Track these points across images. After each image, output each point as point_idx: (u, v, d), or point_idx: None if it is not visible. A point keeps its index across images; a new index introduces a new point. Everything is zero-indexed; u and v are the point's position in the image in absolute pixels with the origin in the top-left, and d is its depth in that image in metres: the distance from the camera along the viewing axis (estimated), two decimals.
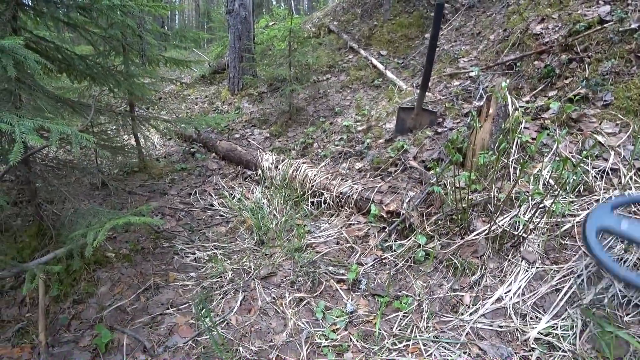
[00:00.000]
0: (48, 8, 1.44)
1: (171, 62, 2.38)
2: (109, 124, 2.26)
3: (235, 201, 2.15)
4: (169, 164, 2.78)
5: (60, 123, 1.08)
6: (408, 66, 3.89)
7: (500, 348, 1.05)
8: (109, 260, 1.53)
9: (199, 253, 1.66)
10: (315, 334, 1.17)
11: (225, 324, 1.24)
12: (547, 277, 1.19)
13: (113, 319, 1.26)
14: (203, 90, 5.36)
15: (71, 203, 1.45)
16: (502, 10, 3.33)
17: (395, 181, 1.88)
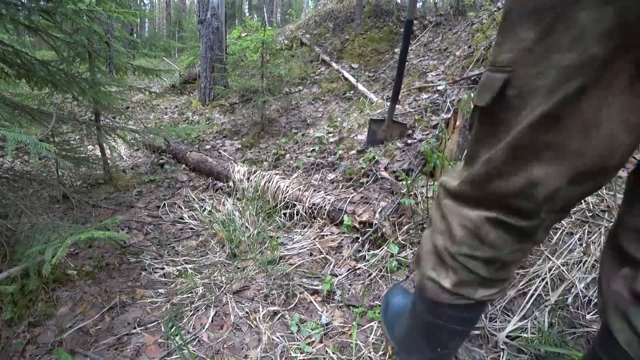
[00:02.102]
0: (7, 10, 1.37)
1: (140, 70, 2.31)
2: (72, 134, 2.15)
3: (206, 214, 2.10)
4: (136, 176, 2.68)
5: (18, 131, 1.02)
6: (379, 79, 4.00)
7: (473, 351, 1.07)
8: (70, 278, 1.44)
9: (168, 268, 1.60)
10: (291, 348, 1.14)
11: (196, 341, 1.19)
12: (514, 281, 1.24)
13: (74, 342, 1.18)
14: (173, 100, 5.25)
15: (28, 217, 1.36)
16: (467, 28, 3.51)
17: (367, 192, 1.91)
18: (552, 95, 0.50)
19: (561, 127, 0.52)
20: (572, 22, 0.47)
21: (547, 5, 0.48)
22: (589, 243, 1.27)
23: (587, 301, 1.13)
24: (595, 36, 0.46)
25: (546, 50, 0.50)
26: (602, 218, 1.33)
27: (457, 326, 0.77)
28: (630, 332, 0.62)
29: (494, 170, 0.60)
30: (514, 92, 0.54)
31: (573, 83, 0.49)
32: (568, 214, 0.64)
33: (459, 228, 0.68)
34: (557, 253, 1.28)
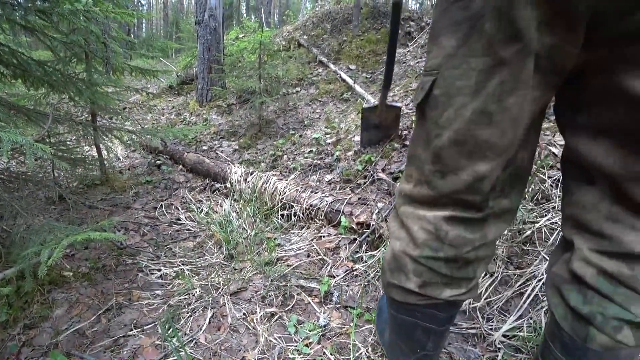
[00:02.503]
0: (3, 10, 1.36)
1: (137, 71, 2.31)
2: (68, 134, 2.14)
3: (203, 215, 2.10)
4: (133, 177, 2.67)
5: (13, 132, 1.01)
6: (376, 80, 4.01)
7: (467, 351, 1.07)
8: (65, 279, 1.43)
9: (165, 269, 1.59)
10: (288, 349, 1.14)
11: (193, 343, 1.19)
12: (511, 282, 1.24)
13: (70, 344, 1.17)
14: (170, 101, 5.24)
15: (24, 218, 1.36)
16: None
17: (364, 193, 1.91)
18: (478, 94, 0.58)
19: (494, 123, 0.59)
20: (482, 32, 0.55)
21: (463, 18, 0.57)
22: None
23: None
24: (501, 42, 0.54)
25: (464, 55, 0.58)
26: None
27: (430, 324, 0.79)
28: (563, 306, 0.68)
29: (445, 168, 0.65)
30: (440, 91, 0.62)
31: (492, 82, 0.56)
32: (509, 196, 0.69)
33: (420, 231, 0.71)
34: None
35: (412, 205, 0.74)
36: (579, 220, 0.65)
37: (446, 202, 0.68)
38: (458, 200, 0.67)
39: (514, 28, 0.53)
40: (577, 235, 0.66)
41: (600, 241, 0.62)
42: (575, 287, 0.66)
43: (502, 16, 0.53)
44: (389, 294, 0.81)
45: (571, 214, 0.67)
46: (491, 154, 0.61)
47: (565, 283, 0.68)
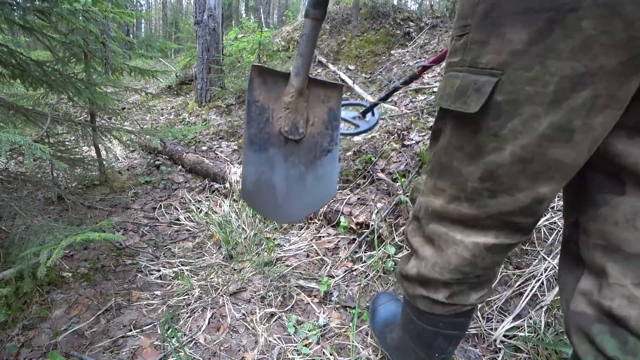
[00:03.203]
0: (2, 9, 1.36)
1: (136, 71, 2.30)
2: (67, 134, 2.14)
3: (202, 215, 2.09)
4: (132, 177, 2.67)
5: (12, 132, 1.01)
6: (375, 81, 4.01)
7: (468, 351, 1.07)
8: (65, 280, 1.43)
9: (164, 270, 1.59)
10: (288, 350, 1.14)
11: (193, 343, 1.18)
12: (510, 282, 1.24)
13: (69, 345, 1.16)
14: (169, 101, 5.24)
15: (22, 219, 1.35)
16: None
17: (364, 193, 1.91)
18: (558, 105, 0.47)
19: (574, 142, 0.48)
20: (573, 30, 0.43)
21: (541, 7, 0.45)
22: None
23: None
24: (605, 47, 0.43)
25: (540, 55, 0.46)
26: None
27: (453, 331, 0.77)
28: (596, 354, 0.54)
29: (499, 187, 0.55)
30: (505, 97, 0.50)
31: (581, 95, 0.45)
32: None
33: (454, 257, 0.64)
34: (552, 253, 1.28)
35: (445, 224, 0.65)
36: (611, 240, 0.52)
37: (491, 224, 0.59)
38: (506, 223, 0.58)
39: (629, 33, 0.41)
40: (613, 262, 0.52)
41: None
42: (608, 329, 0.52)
43: (614, 15, 0.41)
44: (413, 303, 0.76)
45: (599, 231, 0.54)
46: (559, 176, 0.52)
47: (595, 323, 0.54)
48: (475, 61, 0.52)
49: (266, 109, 0.82)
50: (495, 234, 0.60)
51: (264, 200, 0.85)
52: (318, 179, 0.86)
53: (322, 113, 0.86)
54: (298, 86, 0.80)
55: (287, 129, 0.83)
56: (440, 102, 0.59)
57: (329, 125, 0.86)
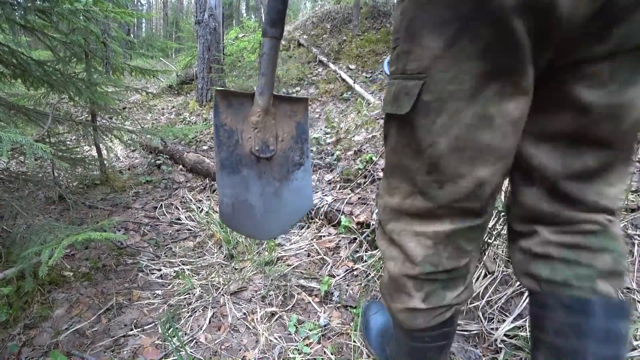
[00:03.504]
0: (3, 9, 1.36)
1: (137, 71, 2.31)
2: (68, 134, 2.14)
3: (203, 215, 2.10)
4: (133, 177, 2.67)
5: (13, 131, 1.01)
6: (376, 80, 4.01)
7: (468, 351, 1.07)
8: (66, 279, 1.43)
9: (165, 269, 1.59)
10: (289, 349, 1.14)
11: (194, 342, 1.19)
12: (511, 281, 1.24)
13: (70, 344, 1.17)
14: (170, 101, 5.24)
15: (24, 218, 1.36)
16: None
17: (364, 192, 1.91)
18: (475, 98, 0.55)
19: (496, 126, 0.57)
20: (477, 36, 0.52)
21: (450, 18, 0.53)
22: None
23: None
24: (501, 49, 0.52)
25: (455, 58, 0.54)
26: None
27: (441, 342, 0.79)
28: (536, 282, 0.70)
29: (444, 177, 0.62)
30: (431, 96, 0.58)
31: (491, 87, 0.54)
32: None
33: (418, 248, 0.68)
34: None
35: (403, 220, 0.70)
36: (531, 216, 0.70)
37: (444, 212, 0.65)
38: (457, 209, 0.65)
39: (515, 38, 0.51)
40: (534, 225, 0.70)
41: (557, 227, 0.68)
42: (541, 262, 0.69)
43: (501, 25, 0.51)
44: (397, 321, 0.78)
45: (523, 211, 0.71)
46: (493, 158, 0.60)
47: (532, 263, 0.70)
48: (404, 68, 0.60)
49: (234, 131, 0.82)
50: (450, 221, 0.66)
51: (243, 220, 0.86)
52: (294, 193, 0.89)
53: (291, 128, 0.89)
54: (264, 105, 0.82)
55: (258, 148, 0.84)
56: (384, 107, 0.67)
57: (298, 139, 0.89)
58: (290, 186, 0.89)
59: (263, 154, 0.85)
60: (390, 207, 0.71)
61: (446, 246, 0.67)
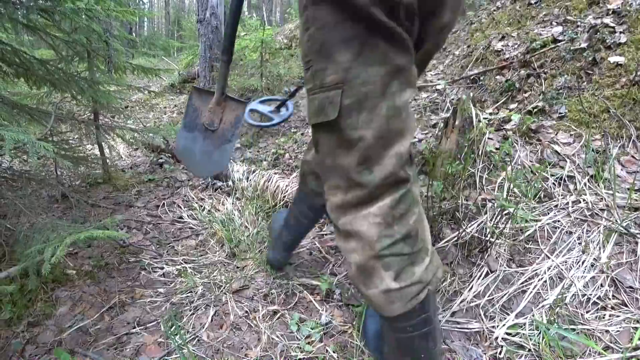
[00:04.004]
0: (6, 9, 1.36)
1: (139, 69, 2.31)
2: (70, 133, 2.15)
3: (205, 213, 2.10)
4: (135, 175, 2.68)
5: (16, 130, 1.02)
6: None
7: (470, 350, 1.07)
8: (69, 278, 1.44)
9: (167, 268, 1.60)
10: (291, 347, 1.15)
11: (196, 340, 1.19)
12: (513, 280, 1.24)
13: (74, 342, 1.17)
14: (172, 100, 5.24)
15: (27, 217, 1.36)
16: (466, 28, 3.51)
17: None
18: (384, 94, 0.71)
19: (404, 111, 0.75)
20: (375, 47, 0.69)
21: (353, 35, 0.68)
22: (587, 242, 1.27)
23: (586, 299, 1.14)
24: (397, 54, 0.70)
25: (363, 65, 0.69)
26: (600, 217, 1.34)
27: (423, 329, 0.81)
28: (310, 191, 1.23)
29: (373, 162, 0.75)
30: (350, 100, 0.71)
31: (394, 83, 0.72)
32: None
33: (372, 228, 0.76)
34: (555, 252, 1.28)
35: (350, 212, 0.79)
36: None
37: (381, 191, 0.76)
38: (390, 183, 0.76)
39: (406, 44, 0.71)
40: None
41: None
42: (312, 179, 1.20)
43: (395, 35, 0.68)
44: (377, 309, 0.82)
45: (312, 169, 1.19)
46: (407, 135, 0.76)
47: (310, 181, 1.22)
48: (322, 83, 0.73)
49: (197, 109, 1.36)
50: (388, 194, 0.76)
51: (187, 158, 1.38)
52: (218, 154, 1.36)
53: (231, 117, 1.35)
54: (216, 99, 1.31)
55: (208, 122, 1.34)
56: (310, 120, 0.79)
57: (233, 126, 1.35)
58: (218, 150, 1.35)
59: (209, 127, 1.35)
60: (336, 205, 0.81)
61: (393, 216, 0.76)
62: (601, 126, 1.64)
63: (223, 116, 1.35)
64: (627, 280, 1.15)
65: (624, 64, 1.75)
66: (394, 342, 0.86)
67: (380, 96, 0.71)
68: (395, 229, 0.76)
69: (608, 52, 1.84)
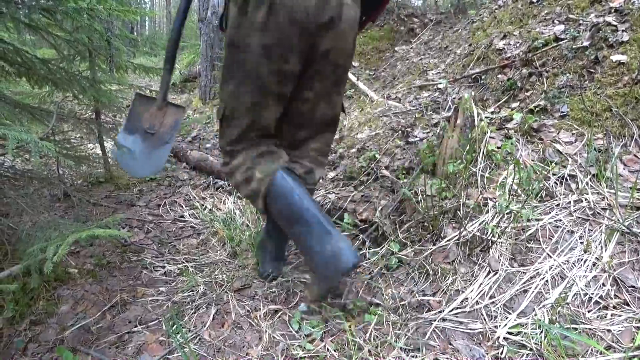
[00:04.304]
0: (8, 8, 1.37)
1: (141, 69, 2.31)
2: (72, 132, 2.15)
3: (206, 212, 2.10)
4: None
5: (18, 130, 1.02)
6: (379, 77, 3.99)
7: (472, 349, 1.07)
8: (71, 276, 1.45)
9: (169, 266, 1.60)
10: (292, 346, 1.15)
11: (197, 339, 1.19)
12: (515, 279, 1.24)
13: (76, 340, 1.18)
14: (174, 99, 5.24)
15: (29, 216, 1.36)
16: (468, 26, 3.50)
17: (367, 190, 1.90)
18: (253, 110, 1.15)
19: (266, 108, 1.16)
20: (257, 79, 1.09)
21: (237, 71, 1.11)
22: (589, 241, 1.27)
23: (588, 299, 1.14)
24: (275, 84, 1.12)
25: (241, 93, 1.14)
26: (602, 216, 1.33)
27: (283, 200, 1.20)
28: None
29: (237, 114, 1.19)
30: (229, 112, 1.19)
31: (266, 102, 1.14)
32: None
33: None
34: (557, 251, 1.28)
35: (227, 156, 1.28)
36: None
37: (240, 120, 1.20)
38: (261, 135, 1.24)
39: (291, 76, 1.10)
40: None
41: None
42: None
43: (280, 72, 1.08)
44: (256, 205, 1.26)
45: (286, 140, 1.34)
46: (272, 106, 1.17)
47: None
48: (220, 98, 1.27)
49: (140, 113, 1.51)
50: (247, 119, 1.18)
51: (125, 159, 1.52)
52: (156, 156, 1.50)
53: (170, 121, 1.51)
54: (158, 105, 1.48)
55: (148, 126, 1.49)
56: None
57: (172, 129, 1.51)
58: (156, 151, 1.49)
59: (150, 130, 1.49)
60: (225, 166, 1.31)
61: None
62: (603, 125, 1.64)
63: (163, 120, 1.49)
64: (629, 279, 1.15)
65: (626, 62, 1.74)
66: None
67: (247, 111, 1.19)
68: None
69: (610, 51, 1.83)
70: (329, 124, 1.31)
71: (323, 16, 1.00)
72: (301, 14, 0.97)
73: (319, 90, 1.19)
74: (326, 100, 1.23)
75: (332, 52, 1.09)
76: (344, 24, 1.04)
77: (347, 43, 1.11)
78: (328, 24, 1.02)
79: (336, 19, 1.02)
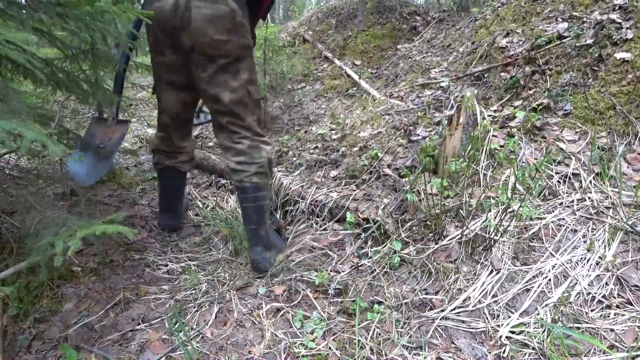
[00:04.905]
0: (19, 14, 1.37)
1: (143, 68, 2.31)
2: (75, 131, 2.16)
3: (209, 211, 2.11)
4: (139, 173, 2.70)
5: (33, 128, 1.03)
6: (381, 76, 3.99)
7: (475, 348, 1.07)
8: (74, 274, 1.45)
9: (171, 265, 1.61)
10: (294, 344, 1.15)
11: (200, 337, 1.20)
12: (517, 278, 1.24)
13: (79, 338, 1.19)
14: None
15: (37, 212, 1.37)
16: (470, 24, 3.49)
17: (370, 189, 1.90)
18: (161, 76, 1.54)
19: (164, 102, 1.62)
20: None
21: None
22: (592, 240, 1.26)
23: (591, 298, 1.13)
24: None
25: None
26: (606, 215, 1.33)
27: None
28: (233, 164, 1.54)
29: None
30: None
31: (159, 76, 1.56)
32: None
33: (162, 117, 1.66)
34: (560, 250, 1.27)
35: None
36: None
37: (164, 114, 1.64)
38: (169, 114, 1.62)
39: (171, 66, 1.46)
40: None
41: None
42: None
43: (161, 63, 1.46)
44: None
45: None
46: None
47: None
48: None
49: (94, 132, 1.78)
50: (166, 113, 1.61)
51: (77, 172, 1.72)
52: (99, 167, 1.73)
53: (118, 134, 1.76)
54: (109, 123, 1.79)
55: (98, 141, 1.73)
56: None
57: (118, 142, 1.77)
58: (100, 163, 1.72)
59: (100, 145, 1.73)
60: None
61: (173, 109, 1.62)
62: (607, 123, 1.63)
63: (112, 135, 1.76)
64: (632, 278, 1.14)
65: (630, 60, 1.73)
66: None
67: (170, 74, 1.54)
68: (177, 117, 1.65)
69: (614, 49, 1.82)
70: (235, 103, 1.47)
71: (175, 21, 1.29)
72: (160, 20, 1.30)
73: (204, 77, 1.39)
74: (220, 85, 1.41)
75: (196, 46, 1.32)
76: (196, 23, 1.27)
77: (207, 37, 1.30)
78: (181, 26, 1.29)
79: (185, 21, 1.28)
